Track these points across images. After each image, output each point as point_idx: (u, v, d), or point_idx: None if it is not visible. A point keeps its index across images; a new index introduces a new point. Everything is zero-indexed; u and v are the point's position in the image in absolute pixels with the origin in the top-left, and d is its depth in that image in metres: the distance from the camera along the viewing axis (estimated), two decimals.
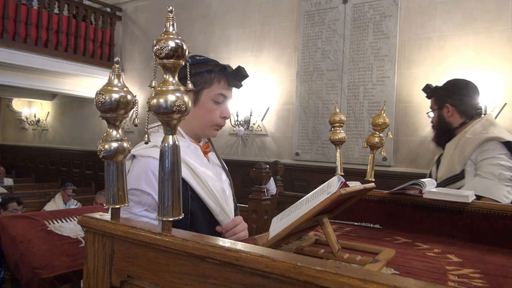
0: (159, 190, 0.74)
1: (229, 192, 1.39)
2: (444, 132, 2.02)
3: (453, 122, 1.99)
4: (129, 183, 1.16)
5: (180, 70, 0.75)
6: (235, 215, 1.38)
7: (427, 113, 2.19)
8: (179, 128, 1.31)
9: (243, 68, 1.32)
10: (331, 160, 4.68)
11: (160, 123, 1.25)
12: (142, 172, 1.16)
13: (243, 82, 1.36)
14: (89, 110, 7.43)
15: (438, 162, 2.06)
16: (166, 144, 0.73)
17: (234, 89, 1.38)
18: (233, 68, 1.34)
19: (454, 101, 1.98)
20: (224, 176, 1.42)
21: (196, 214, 1.22)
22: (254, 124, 5.28)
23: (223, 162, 1.46)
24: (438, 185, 1.89)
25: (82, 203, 5.38)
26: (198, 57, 1.34)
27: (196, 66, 1.30)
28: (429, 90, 2.10)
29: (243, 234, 1.32)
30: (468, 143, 1.85)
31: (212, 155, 1.41)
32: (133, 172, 1.18)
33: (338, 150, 1.34)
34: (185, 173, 1.20)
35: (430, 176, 2.06)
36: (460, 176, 1.85)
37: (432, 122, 2.12)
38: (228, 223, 1.29)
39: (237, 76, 1.32)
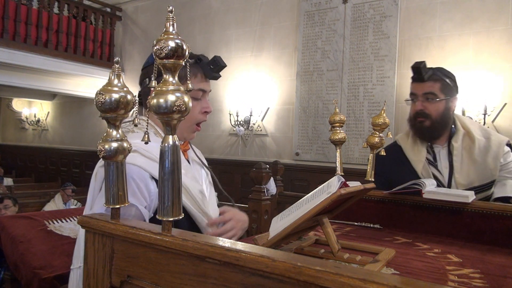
0: (159, 190, 0.74)
1: (209, 190, 1.33)
2: (445, 127, 1.76)
3: (452, 117, 1.80)
4: None
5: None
6: (225, 209, 1.30)
7: (409, 99, 1.79)
8: (156, 127, 1.24)
9: (220, 57, 1.23)
10: (331, 160, 4.68)
11: (132, 119, 1.13)
12: None
13: (221, 73, 1.27)
14: (89, 110, 7.43)
15: (430, 162, 1.77)
16: (166, 144, 0.73)
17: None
18: (209, 59, 1.24)
19: (456, 95, 1.78)
20: (203, 173, 1.37)
21: (180, 221, 1.19)
22: (254, 124, 5.28)
23: (202, 158, 1.41)
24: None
25: (82, 203, 5.37)
26: None
27: None
28: (434, 73, 1.74)
29: (231, 234, 1.20)
30: (492, 146, 1.69)
31: (191, 152, 1.36)
32: None
33: (338, 150, 1.34)
34: None
35: (447, 182, 1.74)
36: (493, 182, 1.69)
37: (422, 110, 1.74)
38: (215, 218, 1.20)
39: (214, 68, 1.22)
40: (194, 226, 1.19)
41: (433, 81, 1.74)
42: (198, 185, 1.25)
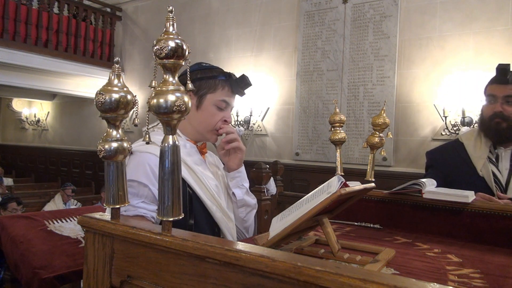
0: (159, 190, 0.74)
1: (224, 190, 1.41)
2: None
3: None
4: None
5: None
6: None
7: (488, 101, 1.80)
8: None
9: (247, 77, 1.36)
10: (331, 160, 4.68)
11: (154, 124, 1.31)
12: (140, 165, 1.17)
13: (246, 91, 1.39)
14: (89, 110, 7.43)
15: (491, 161, 1.78)
16: (166, 144, 0.73)
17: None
18: (237, 76, 1.37)
19: None
20: (219, 176, 1.44)
21: (197, 213, 1.23)
22: (254, 124, 5.28)
23: (220, 164, 1.49)
24: None
25: (82, 203, 5.38)
26: (204, 64, 1.38)
27: (202, 72, 1.34)
28: None
29: (233, 136, 1.38)
30: None
31: (209, 155, 1.45)
32: (130, 165, 1.20)
33: (338, 150, 1.34)
34: (184, 171, 1.21)
35: (505, 182, 1.74)
36: None
37: (502, 112, 1.75)
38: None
39: (241, 84, 1.35)
40: (210, 217, 1.27)
41: None
42: (213, 180, 1.34)
